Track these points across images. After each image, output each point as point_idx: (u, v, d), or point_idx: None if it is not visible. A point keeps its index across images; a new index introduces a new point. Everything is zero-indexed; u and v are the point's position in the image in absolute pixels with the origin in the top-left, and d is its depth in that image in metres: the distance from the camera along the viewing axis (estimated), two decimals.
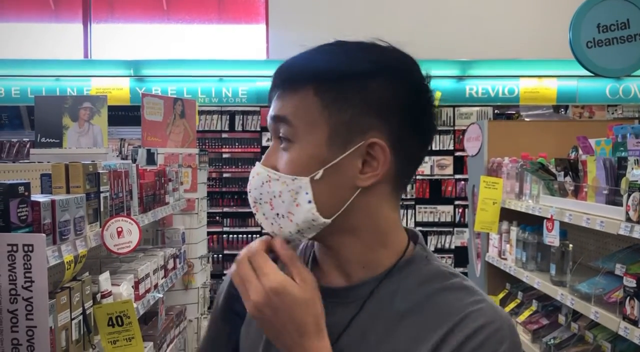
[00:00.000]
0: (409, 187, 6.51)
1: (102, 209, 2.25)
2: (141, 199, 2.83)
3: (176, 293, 3.92)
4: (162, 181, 3.29)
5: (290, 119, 0.87)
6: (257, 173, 0.90)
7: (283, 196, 0.87)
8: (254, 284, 0.84)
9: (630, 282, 2.35)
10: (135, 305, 2.51)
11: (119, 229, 2.25)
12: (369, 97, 0.85)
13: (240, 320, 0.98)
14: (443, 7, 6.54)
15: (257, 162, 0.93)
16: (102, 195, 2.26)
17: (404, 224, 1.01)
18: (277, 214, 0.88)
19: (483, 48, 6.28)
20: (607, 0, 3.49)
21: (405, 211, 6.56)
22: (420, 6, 6.59)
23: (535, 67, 6.34)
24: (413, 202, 6.57)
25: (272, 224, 0.89)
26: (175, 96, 4.98)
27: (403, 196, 5.03)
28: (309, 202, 0.86)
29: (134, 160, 3.76)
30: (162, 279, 3.18)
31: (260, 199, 0.90)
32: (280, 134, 0.88)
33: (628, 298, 2.36)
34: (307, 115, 0.86)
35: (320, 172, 0.86)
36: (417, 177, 6.52)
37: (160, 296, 2.96)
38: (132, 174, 2.72)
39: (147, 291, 2.83)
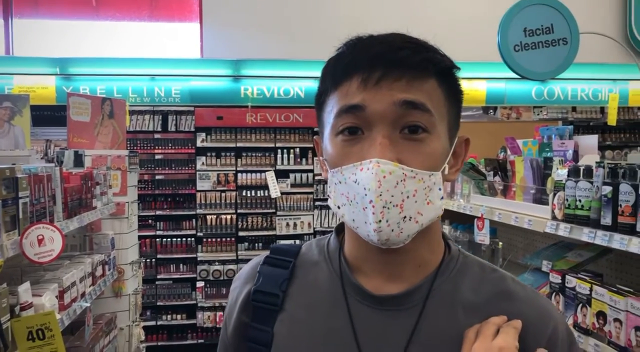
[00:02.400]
0: None
1: (20, 216, 2.12)
2: (66, 204, 2.69)
3: (106, 301, 3.76)
4: (89, 185, 3.14)
5: (429, 107, 0.81)
6: (390, 172, 0.78)
7: (417, 195, 0.80)
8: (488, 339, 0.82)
9: (555, 278, 2.43)
10: (59, 316, 2.38)
11: (40, 237, 2.13)
12: (460, 93, 0.88)
13: (257, 346, 0.90)
14: (375, 9, 6.60)
15: (374, 160, 0.78)
16: (20, 201, 2.12)
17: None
18: (405, 217, 0.80)
19: None
20: (533, 5, 3.62)
21: None
22: (352, 7, 6.63)
23: (465, 70, 6.44)
24: None
25: (392, 230, 0.79)
26: (103, 96, 4.79)
27: None
28: (441, 198, 0.84)
29: (61, 163, 3.59)
30: (89, 287, 3.04)
31: (391, 202, 0.78)
32: (416, 123, 0.81)
33: (554, 293, 2.44)
34: (439, 106, 0.84)
35: (446, 166, 0.85)
36: None
37: (88, 305, 2.82)
38: (55, 178, 2.58)
39: (73, 301, 2.69)
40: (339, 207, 0.86)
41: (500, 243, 3.14)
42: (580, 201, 2.25)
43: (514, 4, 3.67)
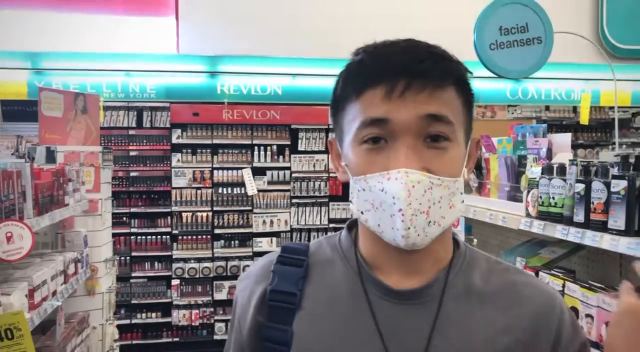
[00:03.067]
0: (322, 185, 6.55)
1: None
2: (36, 201, 2.63)
3: (79, 299, 3.70)
4: (61, 181, 3.08)
5: (450, 118, 0.85)
6: (418, 181, 0.81)
7: (442, 201, 0.84)
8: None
9: None
10: (29, 315, 2.34)
11: (9, 234, 2.08)
12: (473, 97, 0.92)
13: (275, 346, 0.91)
14: (353, 6, 6.60)
15: (403, 170, 0.81)
16: None
17: (317, 220, 1.02)
18: (429, 222, 0.83)
19: None
20: (509, 4, 3.64)
21: (320, 208, 6.59)
22: (330, 3, 6.61)
23: None
24: (327, 200, 6.61)
25: (418, 235, 0.83)
26: (76, 91, 4.70)
27: (317, 193, 5.05)
28: (462, 202, 0.88)
29: (32, 159, 3.52)
30: (61, 285, 2.98)
31: (418, 210, 0.82)
32: (439, 133, 0.84)
33: None
34: (457, 114, 0.87)
35: (465, 170, 0.90)
36: (331, 175, 6.56)
37: (59, 303, 2.77)
38: (25, 174, 2.52)
39: (44, 299, 2.64)
40: (362, 213, 0.89)
41: (475, 240, 3.16)
42: (553, 198, 2.28)
43: (490, 3, 3.70)
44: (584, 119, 4.48)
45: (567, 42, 5.21)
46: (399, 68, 0.83)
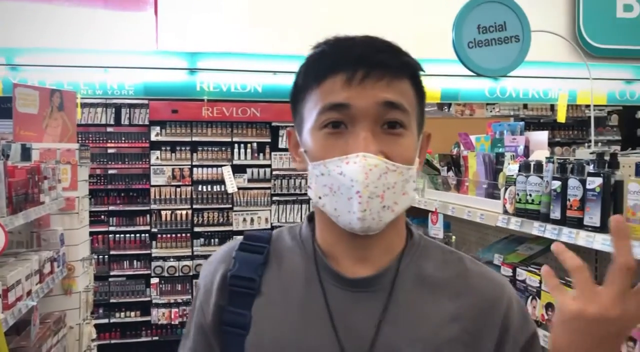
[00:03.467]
0: (303, 183, 6.54)
1: None
2: (10, 199, 2.58)
3: (55, 298, 3.65)
4: (36, 179, 3.03)
5: (406, 107, 0.89)
6: (375, 165, 0.85)
7: (396, 187, 0.87)
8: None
9: (507, 272, 2.48)
10: (3, 315, 2.30)
11: None
12: (425, 93, 0.96)
13: (234, 329, 0.93)
14: (335, 3, 6.58)
15: (361, 154, 0.85)
16: None
17: (298, 218, 1.04)
18: (383, 207, 0.87)
19: None
20: (487, 2, 3.67)
21: (300, 206, 6.59)
22: (313, 1, 6.59)
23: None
24: (307, 197, 6.59)
25: (372, 219, 0.86)
26: (52, 87, 4.62)
27: (298, 191, 5.04)
28: (415, 189, 0.93)
29: (6, 156, 3.46)
30: (36, 285, 2.94)
31: (374, 193, 0.85)
32: (396, 119, 0.88)
33: None
34: (412, 105, 0.92)
35: (417, 159, 0.93)
36: None
37: (34, 303, 2.73)
38: None
39: (19, 299, 2.59)
40: (320, 198, 0.91)
41: (454, 237, 3.18)
42: (530, 195, 2.30)
43: (468, 1, 3.71)
44: (561, 117, 4.54)
45: (545, 41, 5.27)
46: (358, 58, 0.87)
